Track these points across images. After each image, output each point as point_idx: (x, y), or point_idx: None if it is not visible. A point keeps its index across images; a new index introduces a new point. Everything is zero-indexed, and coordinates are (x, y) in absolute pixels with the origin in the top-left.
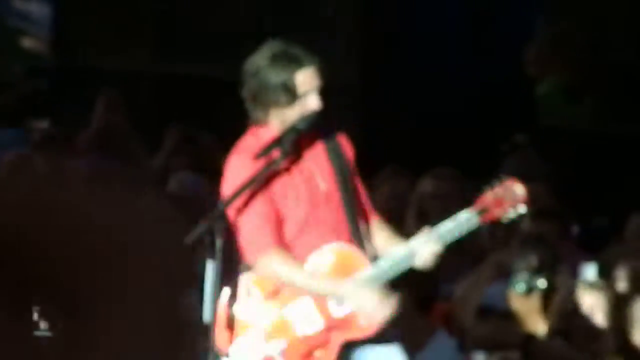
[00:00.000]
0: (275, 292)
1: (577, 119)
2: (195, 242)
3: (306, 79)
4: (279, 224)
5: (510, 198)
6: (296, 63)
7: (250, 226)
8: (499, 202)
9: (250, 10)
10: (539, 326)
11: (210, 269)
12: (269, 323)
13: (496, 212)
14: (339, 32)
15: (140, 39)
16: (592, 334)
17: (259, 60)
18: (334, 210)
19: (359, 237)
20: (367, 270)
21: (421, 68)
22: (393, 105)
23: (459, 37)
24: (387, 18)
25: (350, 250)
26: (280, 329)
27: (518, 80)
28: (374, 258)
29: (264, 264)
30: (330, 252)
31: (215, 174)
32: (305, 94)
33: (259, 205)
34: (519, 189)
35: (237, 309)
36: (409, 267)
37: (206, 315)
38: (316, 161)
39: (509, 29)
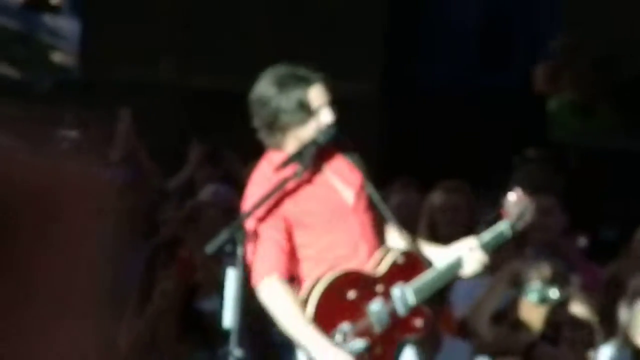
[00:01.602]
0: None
1: (587, 135)
2: (217, 251)
3: (317, 95)
4: (291, 253)
5: (528, 212)
6: (305, 82)
7: (259, 250)
8: (521, 215)
9: (267, 26)
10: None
11: (232, 276)
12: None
13: (521, 224)
14: (359, 50)
15: (164, 53)
16: (578, 341)
17: (266, 89)
18: (362, 220)
19: (382, 243)
20: (420, 279)
21: (437, 82)
22: (408, 118)
23: (473, 51)
24: (405, 35)
25: (416, 256)
26: (363, 328)
27: (530, 94)
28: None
29: (263, 290)
30: (399, 253)
31: (239, 187)
32: (318, 109)
33: (272, 229)
34: (531, 205)
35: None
36: (455, 276)
37: (226, 321)
38: (340, 174)
39: (525, 43)
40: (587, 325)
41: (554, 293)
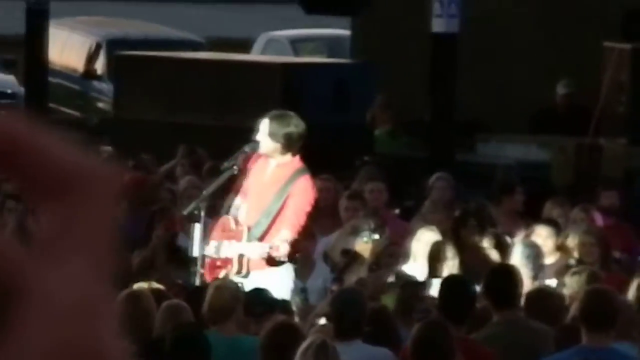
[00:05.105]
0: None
1: (394, 149)
2: (190, 213)
3: (261, 125)
4: None
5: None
6: (267, 118)
7: None
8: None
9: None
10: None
11: (197, 228)
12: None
13: None
14: (267, 102)
15: (158, 99)
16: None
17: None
18: (257, 206)
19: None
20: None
21: (312, 119)
22: None
23: (329, 102)
24: (292, 96)
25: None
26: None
27: (365, 127)
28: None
29: None
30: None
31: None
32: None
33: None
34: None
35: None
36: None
37: (194, 252)
38: (261, 174)
39: (359, 98)
40: (396, 254)
41: (375, 237)
